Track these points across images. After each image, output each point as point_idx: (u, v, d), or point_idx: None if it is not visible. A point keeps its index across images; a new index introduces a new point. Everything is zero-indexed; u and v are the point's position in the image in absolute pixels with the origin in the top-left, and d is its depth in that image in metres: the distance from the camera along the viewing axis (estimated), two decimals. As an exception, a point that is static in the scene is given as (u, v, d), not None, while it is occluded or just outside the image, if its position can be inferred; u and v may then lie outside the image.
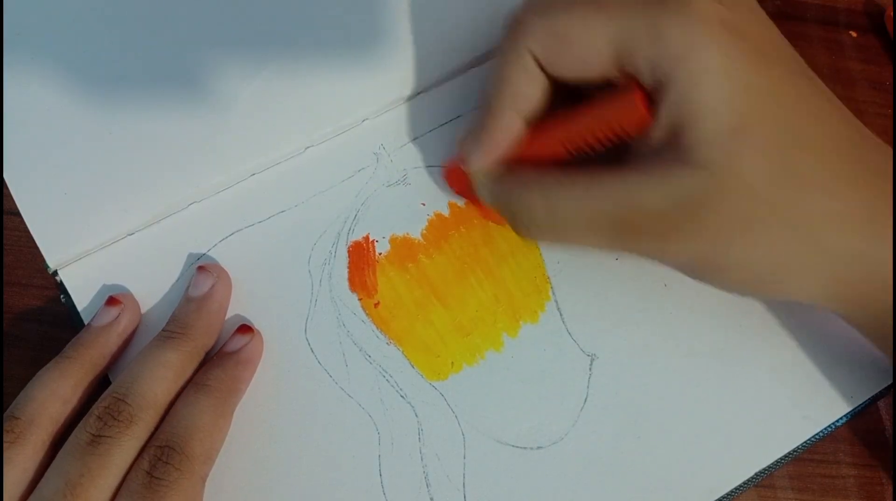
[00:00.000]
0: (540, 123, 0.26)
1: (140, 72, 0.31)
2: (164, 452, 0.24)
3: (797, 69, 0.24)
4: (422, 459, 0.29)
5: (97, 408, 0.25)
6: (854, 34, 0.35)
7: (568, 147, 0.25)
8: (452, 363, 0.30)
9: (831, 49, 0.35)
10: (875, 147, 0.24)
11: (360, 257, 0.31)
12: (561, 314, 0.30)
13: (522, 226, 0.26)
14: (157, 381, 0.26)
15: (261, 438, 0.29)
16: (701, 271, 0.25)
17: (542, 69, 0.24)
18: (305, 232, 0.31)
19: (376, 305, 0.30)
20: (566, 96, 0.26)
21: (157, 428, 0.26)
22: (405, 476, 0.29)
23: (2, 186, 0.30)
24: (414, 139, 0.32)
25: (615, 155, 0.25)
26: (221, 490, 0.28)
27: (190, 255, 0.30)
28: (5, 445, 0.24)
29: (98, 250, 0.30)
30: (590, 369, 0.30)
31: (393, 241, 0.31)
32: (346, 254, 0.31)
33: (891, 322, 0.24)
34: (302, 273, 0.30)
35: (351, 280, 0.30)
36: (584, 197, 0.24)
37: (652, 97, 0.23)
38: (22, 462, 0.25)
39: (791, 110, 0.22)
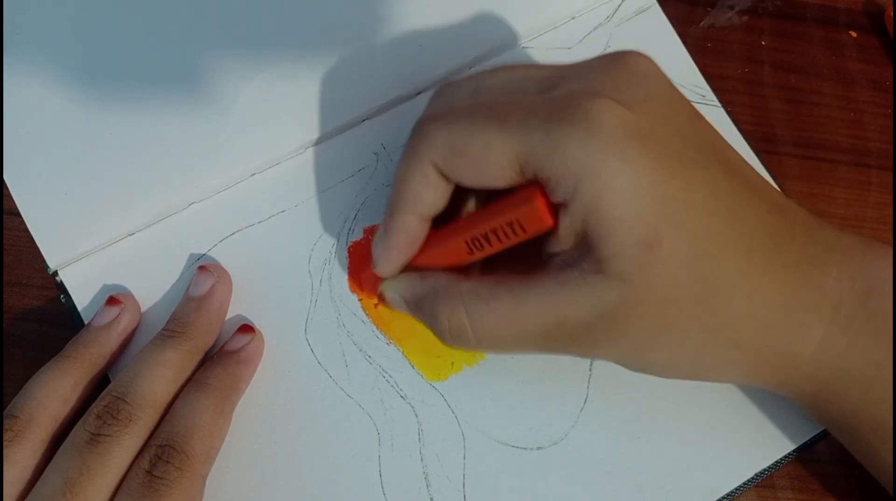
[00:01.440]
0: (444, 225, 0.26)
1: (140, 72, 0.31)
2: (164, 451, 0.24)
3: (714, 160, 0.23)
4: (422, 459, 0.29)
5: (96, 407, 0.25)
6: (854, 34, 0.35)
7: (473, 250, 0.25)
8: (452, 363, 0.30)
9: (831, 49, 0.35)
10: (798, 226, 0.24)
11: (361, 257, 0.31)
12: (561, 314, 0.30)
13: (448, 338, 0.25)
14: (157, 380, 0.26)
15: (261, 438, 0.29)
16: (629, 367, 0.25)
17: (444, 176, 0.24)
18: (305, 232, 0.31)
19: (376, 305, 0.30)
20: (472, 193, 0.26)
21: (157, 427, 0.26)
22: (405, 476, 0.29)
23: (2, 187, 0.30)
24: (414, 139, 0.32)
25: (527, 254, 0.25)
26: (221, 490, 0.28)
27: (190, 255, 0.30)
28: (4, 444, 0.24)
29: (98, 250, 0.30)
30: (590, 369, 0.30)
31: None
32: (346, 254, 0.31)
33: (816, 404, 0.25)
34: (302, 273, 0.30)
35: (351, 280, 0.30)
36: (508, 315, 0.23)
37: (558, 207, 0.22)
38: (21, 460, 0.25)
39: (704, 215, 0.22)
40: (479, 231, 0.24)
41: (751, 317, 0.23)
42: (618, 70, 0.23)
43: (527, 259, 0.25)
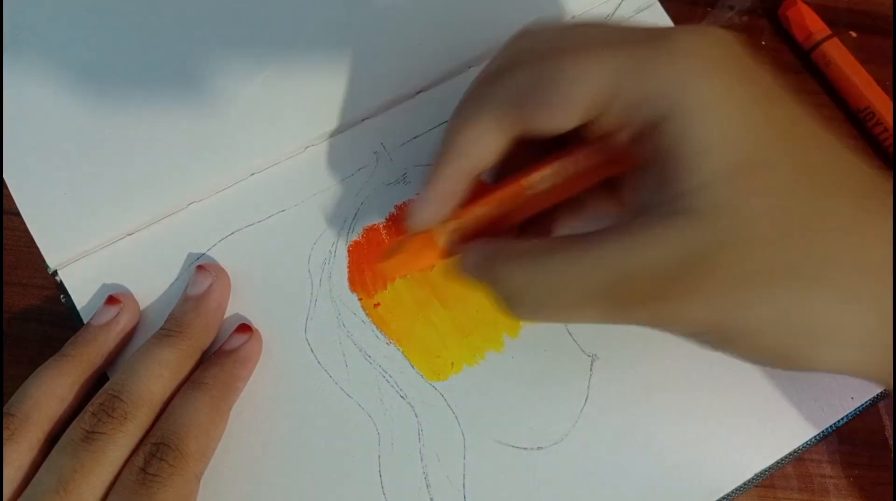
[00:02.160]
0: (501, 179, 0.24)
1: (140, 72, 0.31)
2: (158, 448, 0.24)
3: (802, 115, 0.21)
4: (422, 459, 0.29)
5: (92, 405, 0.25)
6: (854, 34, 0.35)
7: (535, 186, 0.22)
8: (452, 363, 0.30)
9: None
10: (886, 179, 0.21)
11: (362, 257, 0.31)
12: (561, 314, 0.30)
13: (511, 306, 0.22)
14: (153, 379, 0.26)
15: (261, 438, 0.29)
16: (716, 339, 0.21)
17: (503, 129, 0.22)
18: (305, 232, 0.31)
19: (376, 305, 0.30)
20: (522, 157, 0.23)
21: (152, 426, 0.26)
22: (405, 476, 0.28)
23: (2, 187, 0.30)
24: (414, 138, 0.32)
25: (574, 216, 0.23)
26: (221, 489, 0.28)
27: (189, 255, 0.30)
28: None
29: (98, 250, 0.30)
30: (590, 369, 0.30)
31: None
32: (346, 254, 0.31)
33: None
34: (302, 273, 0.30)
35: (351, 280, 0.30)
36: (571, 265, 0.20)
37: (640, 141, 0.20)
38: (16, 459, 0.25)
39: (805, 146, 0.20)
40: (541, 166, 0.22)
41: (864, 269, 0.19)
42: (706, 31, 0.21)
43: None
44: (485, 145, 0.22)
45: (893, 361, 0.20)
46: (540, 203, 0.23)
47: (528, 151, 0.24)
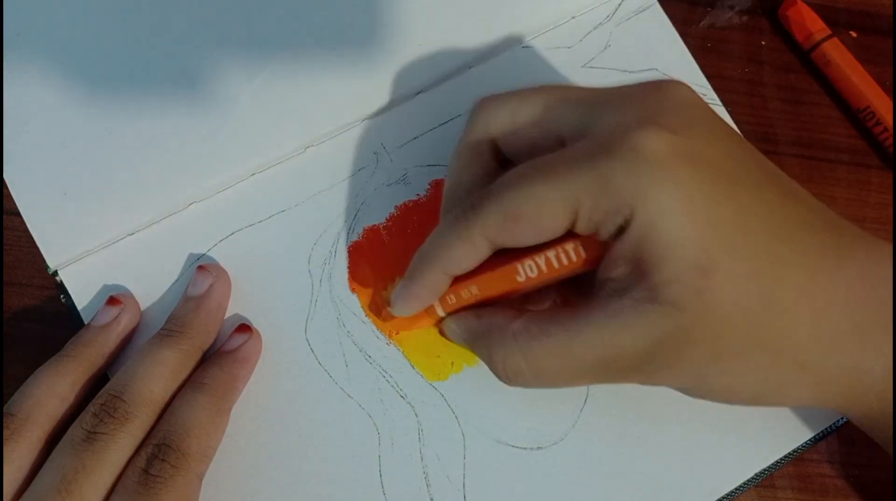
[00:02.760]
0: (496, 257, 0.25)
1: (140, 72, 0.31)
2: (160, 449, 0.25)
3: (766, 181, 0.23)
4: (422, 459, 0.29)
5: (93, 405, 0.25)
6: (854, 34, 0.35)
7: (525, 273, 0.24)
8: (452, 363, 0.30)
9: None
10: (858, 243, 0.23)
11: (361, 257, 0.31)
12: (561, 314, 0.30)
13: (507, 380, 0.25)
14: (154, 379, 0.26)
15: (261, 438, 0.29)
16: (696, 395, 0.24)
17: (491, 244, 0.24)
18: (305, 232, 0.31)
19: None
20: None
21: (154, 426, 0.26)
22: (405, 476, 0.29)
23: (2, 187, 0.30)
24: (414, 139, 0.32)
25: (578, 287, 0.25)
26: (221, 489, 0.28)
27: (190, 255, 0.30)
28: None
29: (98, 250, 0.30)
30: (590, 369, 0.30)
31: (393, 241, 0.31)
32: (346, 254, 0.31)
33: (886, 422, 0.24)
34: (302, 273, 0.30)
35: (351, 280, 0.30)
36: (563, 351, 0.23)
37: (613, 240, 0.22)
38: (17, 459, 0.25)
39: (762, 237, 0.21)
40: (533, 255, 0.24)
41: (817, 338, 0.22)
42: (658, 97, 0.23)
43: (578, 292, 0.25)
44: (468, 258, 0.25)
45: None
46: (530, 286, 0.25)
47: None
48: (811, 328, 0.22)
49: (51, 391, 0.26)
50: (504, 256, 0.25)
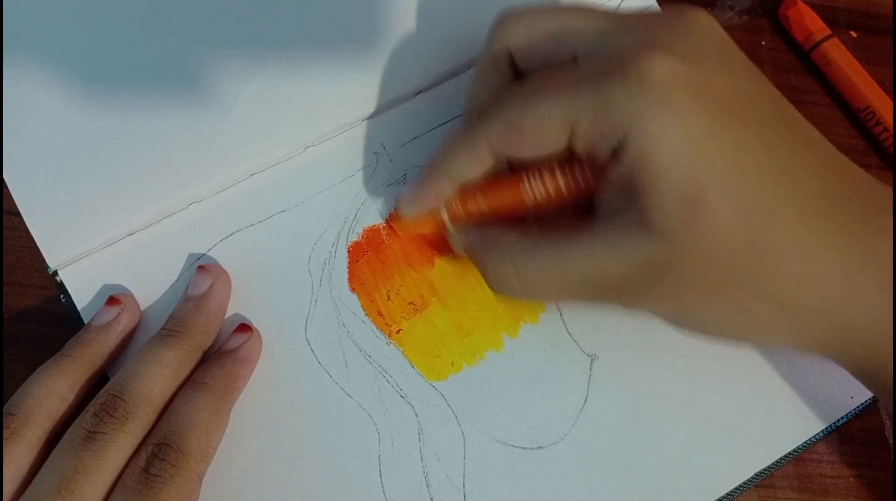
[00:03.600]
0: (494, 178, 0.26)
1: (140, 72, 0.31)
2: (160, 449, 0.25)
3: (771, 117, 0.22)
4: (422, 459, 0.29)
5: (94, 405, 0.25)
6: (854, 34, 0.35)
7: (530, 184, 0.25)
8: (452, 363, 0.30)
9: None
10: (858, 185, 0.23)
11: (361, 257, 0.31)
12: (561, 315, 0.30)
13: (496, 287, 0.26)
14: (154, 379, 0.26)
15: (261, 438, 0.29)
16: (674, 322, 0.25)
17: (494, 154, 0.25)
18: (305, 232, 0.31)
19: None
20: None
21: (154, 426, 0.26)
22: (405, 476, 0.29)
23: (2, 187, 0.30)
24: (414, 139, 0.32)
25: (576, 211, 0.25)
26: (221, 489, 0.28)
27: (190, 255, 0.30)
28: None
29: (98, 250, 0.30)
30: (590, 369, 0.30)
31: (393, 241, 0.31)
32: (346, 254, 0.31)
33: (869, 369, 0.24)
34: (302, 273, 0.30)
35: (351, 280, 0.30)
36: (552, 266, 0.24)
37: (609, 161, 0.23)
38: (17, 458, 0.25)
39: (756, 174, 0.21)
40: (539, 170, 0.25)
41: (804, 281, 0.22)
42: (675, 24, 0.23)
43: (575, 215, 0.26)
44: (473, 166, 0.25)
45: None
46: (532, 202, 0.26)
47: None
48: (798, 272, 0.22)
49: (51, 391, 0.26)
50: (513, 174, 0.26)
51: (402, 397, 0.29)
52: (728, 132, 0.21)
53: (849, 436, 0.30)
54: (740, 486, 0.29)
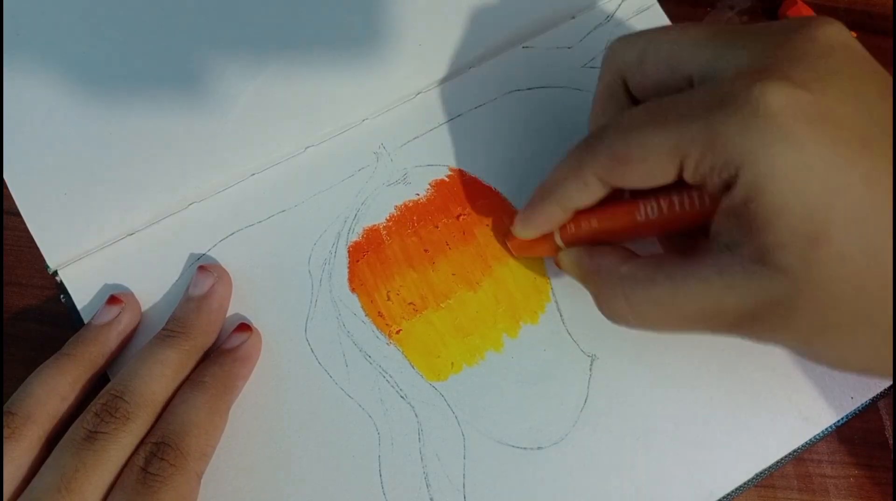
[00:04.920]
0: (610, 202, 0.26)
1: (140, 72, 0.31)
2: (159, 448, 0.25)
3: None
4: (422, 459, 0.29)
5: (94, 405, 0.25)
6: (854, 34, 0.35)
7: (645, 213, 0.25)
8: (452, 363, 0.30)
9: (831, 49, 0.35)
10: None
11: (361, 257, 0.31)
12: (561, 315, 0.30)
13: (609, 316, 0.25)
14: (155, 379, 0.26)
15: (261, 438, 0.29)
16: (802, 356, 0.24)
17: (604, 183, 0.24)
18: (305, 232, 0.31)
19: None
20: None
21: (153, 426, 0.26)
22: (405, 476, 0.29)
23: (2, 187, 0.30)
24: (414, 139, 0.32)
25: (689, 237, 0.25)
26: (221, 489, 0.28)
27: (190, 255, 0.30)
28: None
29: (98, 250, 0.30)
30: (590, 369, 0.30)
31: (393, 241, 0.31)
32: (346, 254, 0.31)
33: None
34: (302, 273, 0.30)
35: (351, 280, 0.30)
36: (667, 299, 0.23)
37: (724, 193, 0.22)
38: (17, 457, 0.25)
39: (885, 210, 0.19)
40: (655, 196, 0.24)
41: None
42: (796, 41, 0.21)
43: (687, 246, 0.25)
44: (582, 195, 0.25)
45: None
46: (645, 231, 0.25)
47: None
48: None
49: (51, 390, 0.26)
50: (629, 199, 0.25)
51: (402, 397, 0.29)
52: (856, 164, 0.19)
53: (849, 436, 0.30)
54: (740, 486, 0.29)
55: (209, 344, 0.29)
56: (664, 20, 0.34)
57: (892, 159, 0.20)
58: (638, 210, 0.25)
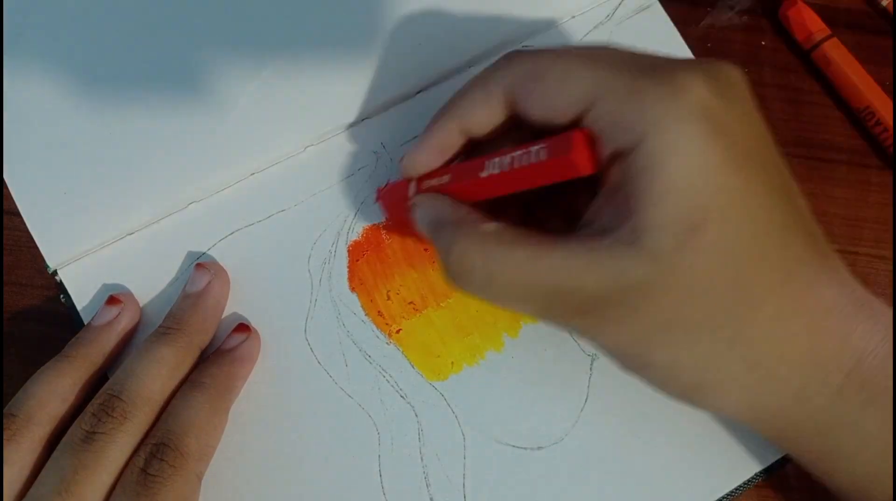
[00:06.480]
0: (479, 156, 0.25)
1: (140, 72, 0.32)
2: (158, 449, 0.25)
3: (776, 180, 0.22)
4: (422, 459, 0.29)
5: (92, 405, 0.25)
6: (854, 34, 0.35)
7: (492, 169, 0.23)
8: (452, 363, 0.30)
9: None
10: (837, 276, 0.23)
11: (361, 256, 0.31)
12: (561, 314, 0.30)
13: (454, 275, 0.23)
14: (152, 377, 0.26)
15: (261, 438, 0.29)
16: (627, 361, 0.23)
17: (506, 103, 0.24)
18: (305, 232, 0.31)
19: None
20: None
21: (153, 426, 0.26)
22: (405, 476, 0.29)
23: (2, 187, 0.30)
24: (414, 138, 0.32)
25: (563, 216, 0.25)
26: (222, 489, 0.28)
27: (190, 254, 0.30)
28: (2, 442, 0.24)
29: (98, 250, 0.30)
30: (590, 369, 0.30)
31: (393, 241, 0.31)
32: (345, 253, 0.31)
33: (813, 455, 0.24)
34: (302, 273, 0.30)
35: (351, 279, 0.30)
36: (525, 267, 0.22)
37: (612, 161, 0.21)
38: (18, 460, 0.25)
39: (758, 221, 0.21)
40: (506, 153, 0.23)
41: (772, 342, 0.22)
42: (709, 71, 0.22)
43: (562, 227, 0.25)
44: (483, 112, 0.24)
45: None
46: (499, 187, 0.24)
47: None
48: (769, 330, 0.21)
49: (52, 392, 0.26)
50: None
51: (402, 397, 0.29)
52: (741, 172, 0.20)
53: (849, 436, 0.30)
54: (740, 486, 0.29)
55: (206, 342, 0.29)
56: (664, 19, 0.34)
57: (769, 177, 0.21)
58: (483, 165, 0.23)
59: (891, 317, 0.23)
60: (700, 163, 0.20)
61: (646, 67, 0.21)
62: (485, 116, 0.24)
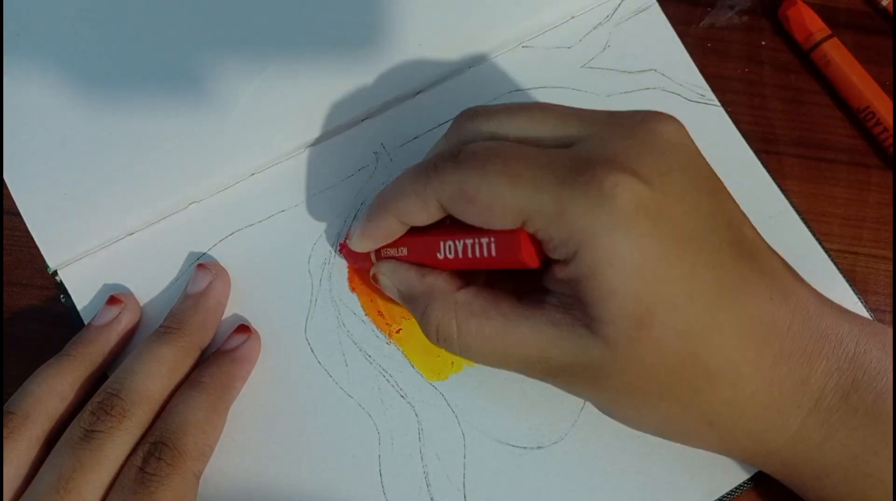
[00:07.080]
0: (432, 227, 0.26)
1: (140, 72, 0.32)
2: (156, 448, 0.25)
3: (727, 241, 0.23)
4: (422, 459, 0.29)
5: (91, 404, 0.25)
6: (854, 34, 0.35)
7: (445, 254, 0.25)
8: (452, 362, 0.30)
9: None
10: (800, 314, 0.23)
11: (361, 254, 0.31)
12: (561, 314, 0.30)
13: (434, 338, 0.25)
14: (151, 376, 0.26)
15: (261, 438, 0.29)
16: (602, 412, 0.26)
17: (444, 209, 0.24)
18: (305, 232, 0.31)
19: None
20: None
21: (152, 425, 0.26)
22: (405, 476, 0.29)
23: (2, 187, 0.30)
24: (414, 139, 0.32)
25: (527, 277, 0.25)
26: (221, 489, 0.28)
27: (190, 254, 0.30)
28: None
29: (98, 250, 0.30)
30: (590, 369, 0.30)
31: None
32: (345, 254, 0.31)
33: (792, 481, 0.26)
34: (302, 273, 0.30)
35: (351, 280, 0.30)
36: (496, 340, 0.24)
37: (555, 264, 0.23)
38: (16, 457, 0.25)
39: (703, 302, 0.22)
40: (457, 238, 0.24)
41: (730, 403, 0.23)
42: (643, 135, 0.23)
43: (526, 281, 0.25)
44: (422, 215, 0.25)
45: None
46: (456, 265, 0.25)
47: None
48: (727, 394, 0.23)
49: (51, 390, 0.26)
50: (455, 226, 0.25)
51: (402, 397, 0.29)
52: (682, 259, 0.21)
53: (849, 436, 0.30)
54: (740, 486, 0.29)
55: (206, 342, 0.29)
56: (663, 20, 0.34)
57: (713, 259, 0.22)
58: (438, 248, 0.25)
59: (853, 346, 0.24)
60: (638, 266, 0.21)
61: (573, 171, 0.22)
62: (423, 218, 0.25)
